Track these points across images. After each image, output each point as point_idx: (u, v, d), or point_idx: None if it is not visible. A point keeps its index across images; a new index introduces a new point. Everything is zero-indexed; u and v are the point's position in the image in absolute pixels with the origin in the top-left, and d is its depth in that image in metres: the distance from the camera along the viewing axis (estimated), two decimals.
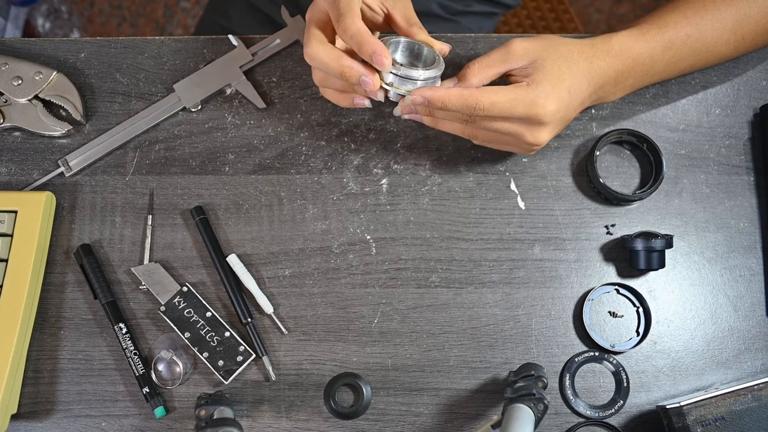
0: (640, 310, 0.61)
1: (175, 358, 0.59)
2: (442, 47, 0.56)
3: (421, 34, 0.56)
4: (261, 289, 0.61)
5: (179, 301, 0.60)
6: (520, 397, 0.52)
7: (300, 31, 0.67)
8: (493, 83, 0.55)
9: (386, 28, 0.58)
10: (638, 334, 0.61)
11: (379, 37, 0.56)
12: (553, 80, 0.53)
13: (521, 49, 0.55)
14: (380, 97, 0.54)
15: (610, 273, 0.62)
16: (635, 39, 0.58)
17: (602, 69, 0.56)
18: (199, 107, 0.65)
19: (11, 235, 0.59)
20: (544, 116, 0.53)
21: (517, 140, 0.56)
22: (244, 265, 0.61)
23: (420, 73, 0.53)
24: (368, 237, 0.63)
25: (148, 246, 0.62)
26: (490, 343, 0.61)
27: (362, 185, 0.64)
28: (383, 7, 0.56)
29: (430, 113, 0.57)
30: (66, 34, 1.70)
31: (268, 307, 0.60)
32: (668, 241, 0.60)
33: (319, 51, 0.53)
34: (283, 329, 0.60)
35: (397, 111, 0.57)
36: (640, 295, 0.61)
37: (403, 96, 0.54)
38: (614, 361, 0.60)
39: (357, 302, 0.61)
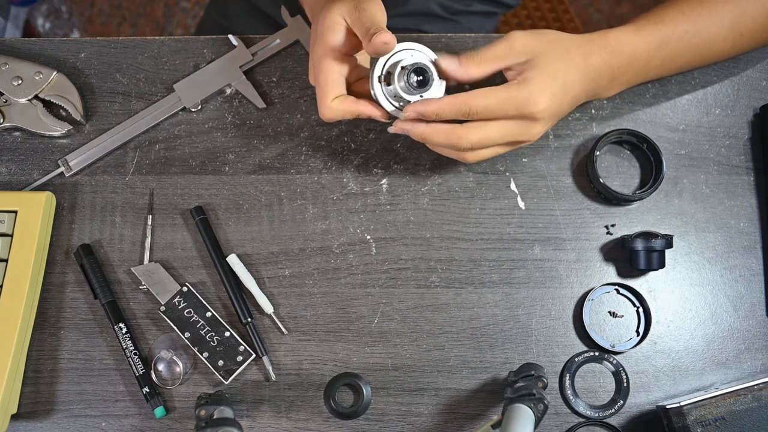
0: (640, 310, 0.61)
1: (175, 358, 0.59)
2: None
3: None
4: (261, 289, 0.61)
5: (179, 301, 0.60)
6: (520, 397, 0.52)
7: (300, 30, 0.67)
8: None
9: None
10: (638, 334, 0.61)
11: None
12: (547, 78, 0.54)
13: (521, 45, 0.55)
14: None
15: (610, 273, 0.62)
16: (630, 35, 0.58)
17: (598, 65, 0.57)
18: (199, 107, 0.65)
19: (11, 235, 0.59)
20: (537, 113, 0.54)
21: (512, 135, 0.55)
22: (244, 265, 0.61)
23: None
24: (368, 237, 0.63)
25: (148, 246, 0.62)
26: (490, 343, 0.61)
27: (362, 185, 0.64)
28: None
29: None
30: (66, 34, 1.70)
31: (268, 307, 0.60)
32: (668, 241, 0.60)
33: (335, 111, 0.55)
34: (283, 329, 0.60)
35: (391, 129, 0.57)
36: (640, 295, 0.61)
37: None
38: (614, 361, 0.60)
39: (357, 302, 0.61)
